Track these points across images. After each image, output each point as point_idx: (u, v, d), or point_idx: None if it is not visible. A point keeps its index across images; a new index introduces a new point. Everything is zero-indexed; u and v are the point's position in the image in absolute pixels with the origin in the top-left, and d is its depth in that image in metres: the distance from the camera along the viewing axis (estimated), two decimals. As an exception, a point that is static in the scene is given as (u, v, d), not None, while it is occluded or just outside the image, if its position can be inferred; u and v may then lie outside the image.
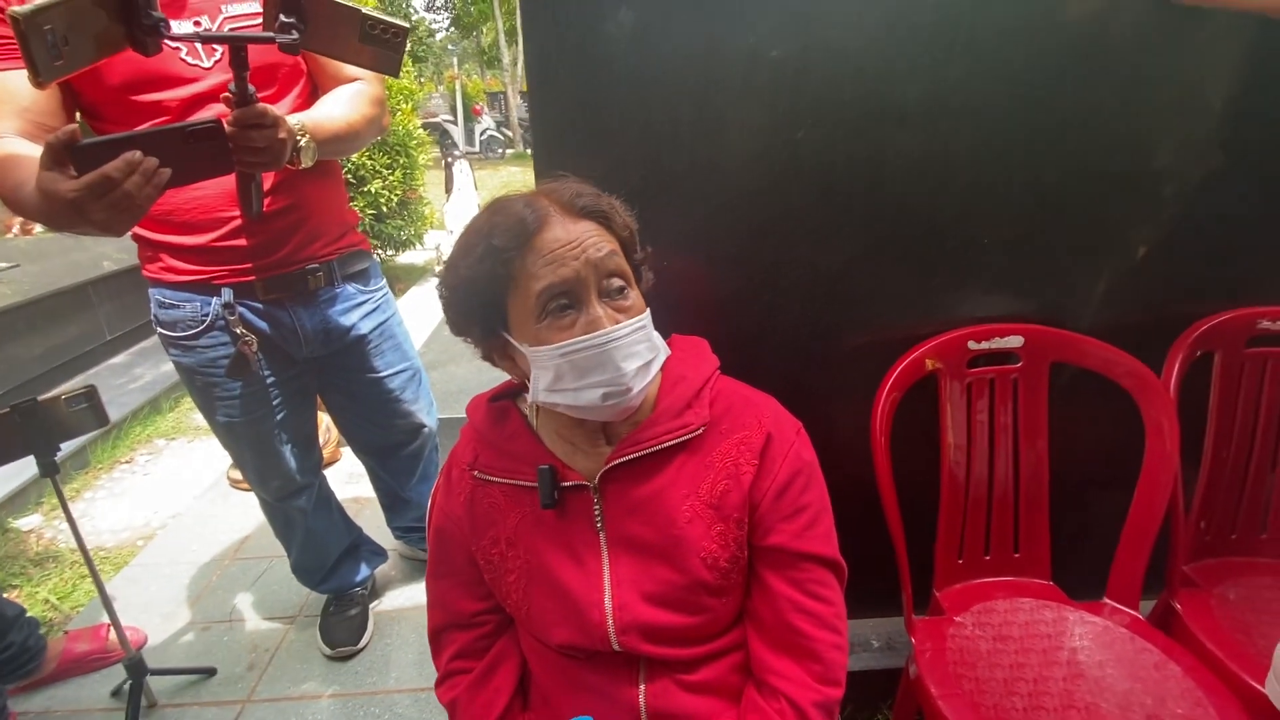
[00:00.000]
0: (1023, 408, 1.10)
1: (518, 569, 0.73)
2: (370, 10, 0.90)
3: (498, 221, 0.65)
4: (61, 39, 0.71)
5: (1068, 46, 0.95)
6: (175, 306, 1.14)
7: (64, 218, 0.76)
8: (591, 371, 0.64)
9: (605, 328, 0.64)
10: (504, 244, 0.63)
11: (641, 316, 0.67)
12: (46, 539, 2.15)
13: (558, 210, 0.66)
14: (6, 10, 0.67)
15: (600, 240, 0.66)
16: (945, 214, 1.04)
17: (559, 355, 0.64)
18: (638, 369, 0.66)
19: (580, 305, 0.64)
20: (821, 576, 0.72)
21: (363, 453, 1.54)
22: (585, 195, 0.68)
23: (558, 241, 0.63)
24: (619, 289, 0.66)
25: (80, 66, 0.76)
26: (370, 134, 1.15)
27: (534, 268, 0.63)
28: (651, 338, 0.69)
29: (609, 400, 0.65)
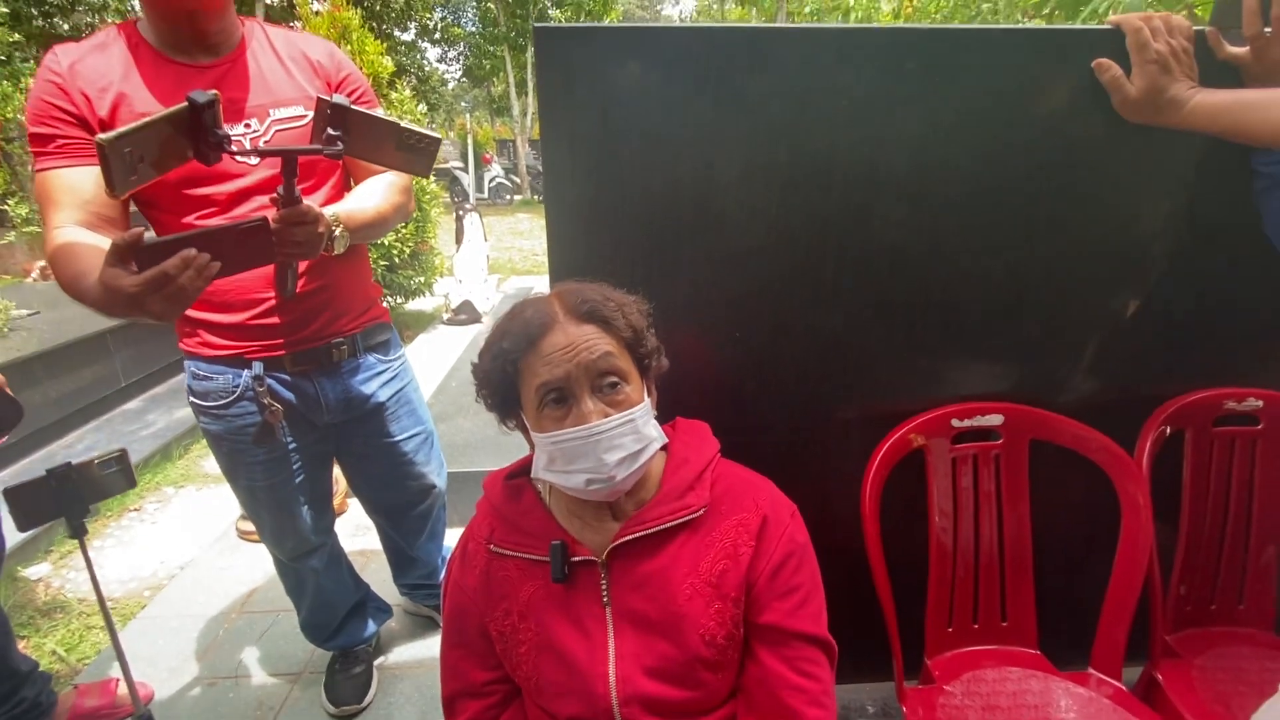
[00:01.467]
0: (1005, 481, 1.16)
1: (529, 641, 0.78)
2: (407, 123, 1.00)
3: (510, 328, 0.77)
4: (137, 157, 0.81)
5: (1045, 137, 1.02)
6: (209, 378, 1.21)
7: (122, 308, 0.84)
8: (577, 459, 0.73)
9: (591, 423, 0.72)
10: (511, 347, 0.75)
11: (632, 410, 0.74)
12: (54, 588, 2.18)
13: (564, 314, 0.76)
14: (95, 138, 0.76)
15: (597, 343, 0.74)
16: (929, 298, 1.11)
17: (550, 443, 0.74)
18: (621, 459, 0.73)
19: (573, 400, 0.73)
20: (812, 655, 0.77)
21: (374, 512, 1.59)
22: (591, 300, 0.77)
23: (556, 346, 0.73)
24: (612, 385, 0.74)
25: (151, 179, 0.86)
26: (398, 219, 1.24)
27: (535, 367, 0.74)
28: (641, 430, 0.75)
29: (592, 486, 0.73)
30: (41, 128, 1.01)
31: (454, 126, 22.53)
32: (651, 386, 0.83)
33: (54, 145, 1.01)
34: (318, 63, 1.21)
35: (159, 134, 0.82)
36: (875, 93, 0.99)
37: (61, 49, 1.05)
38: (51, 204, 1.00)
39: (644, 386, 0.80)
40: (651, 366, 0.82)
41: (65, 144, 1.01)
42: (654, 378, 0.84)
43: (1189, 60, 0.93)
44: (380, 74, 3.95)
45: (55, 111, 1.00)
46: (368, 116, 0.98)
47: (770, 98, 0.99)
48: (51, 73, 1.01)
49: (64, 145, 1.01)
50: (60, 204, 1.00)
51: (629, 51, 0.97)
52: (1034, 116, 1.02)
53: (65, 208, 1.00)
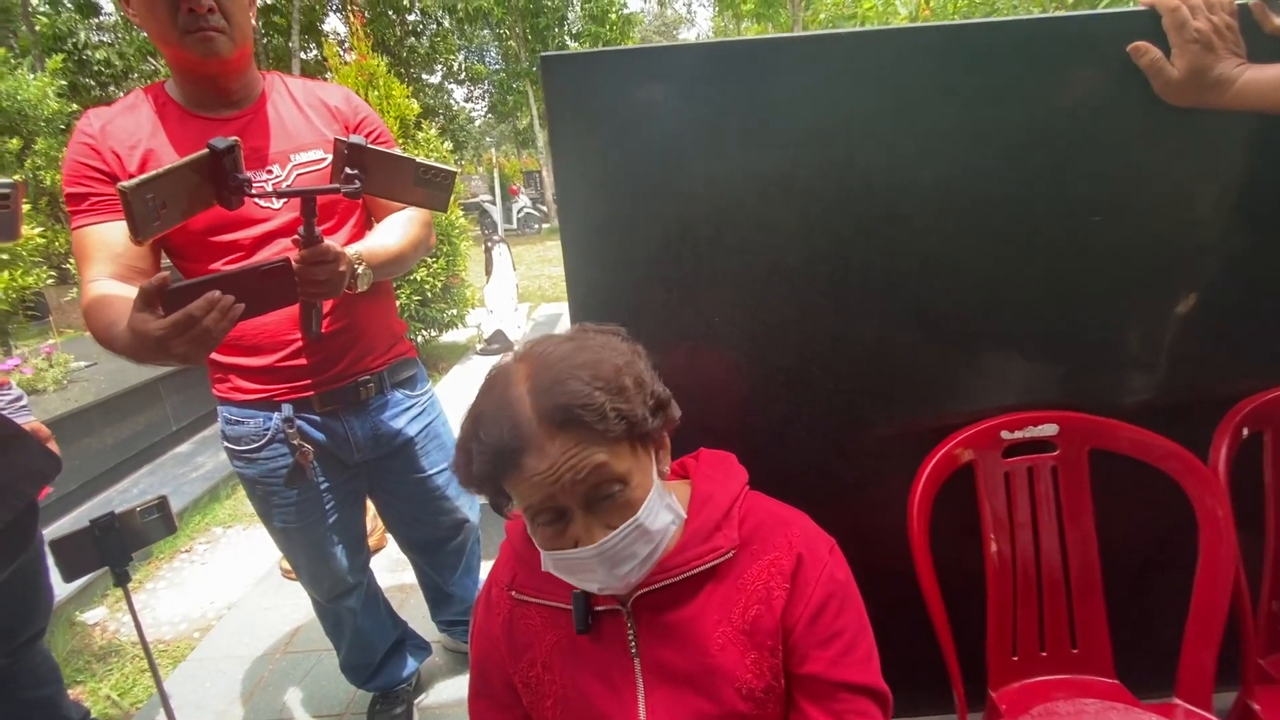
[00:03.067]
0: (1064, 495, 1.08)
1: (554, 694, 0.74)
2: (422, 159, 1.01)
3: (481, 441, 0.64)
4: (159, 203, 0.83)
5: (1079, 129, 0.97)
6: (240, 423, 1.23)
7: (149, 352, 0.86)
8: (584, 572, 0.68)
9: (594, 542, 0.64)
10: (487, 471, 0.64)
11: (638, 515, 0.65)
12: (110, 632, 2.23)
13: (538, 423, 0.62)
14: (116, 185, 0.78)
15: (581, 457, 0.62)
16: (971, 302, 1.05)
17: (551, 560, 0.69)
18: (632, 568, 0.67)
19: (568, 518, 0.65)
20: (862, 706, 0.70)
21: (409, 549, 1.59)
22: (565, 404, 0.62)
23: (536, 471, 0.62)
24: (609, 496, 0.65)
25: (174, 225, 0.87)
26: (420, 254, 1.25)
27: (520, 488, 0.64)
28: (651, 527, 0.67)
29: (605, 590, 0.69)
30: (76, 187, 1.05)
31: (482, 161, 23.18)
32: (664, 443, 0.74)
33: (87, 203, 1.05)
34: (335, 108, 1.23)
35: (181, 180, 0.83)
36: (894, 96, 0.95)
37: (94, 112, 1.10)
38: (86, 259, 1.04)
39: (651, 461, 0.70)
40: (660, 430, 0.70)
41: (98, 201, 1.04)
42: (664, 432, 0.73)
43: (1234, 36, 0.87)
44: (408, 116, 4.08)
45: (88, 171, 1.04)
46: (384, 154, 0.99)
47: (784, 109, 0.96)
48: (84, 134, 1.06)
49: (97, 203, 1.04)
50: (94, 258, 1.03)
51: (637, 73, 0.96)
52: (1066, 108, 0.96)
53: (98, 262, 1.03)
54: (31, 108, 6.59)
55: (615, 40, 15.10)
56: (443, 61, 16.28)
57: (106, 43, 11.74)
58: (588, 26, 15.54)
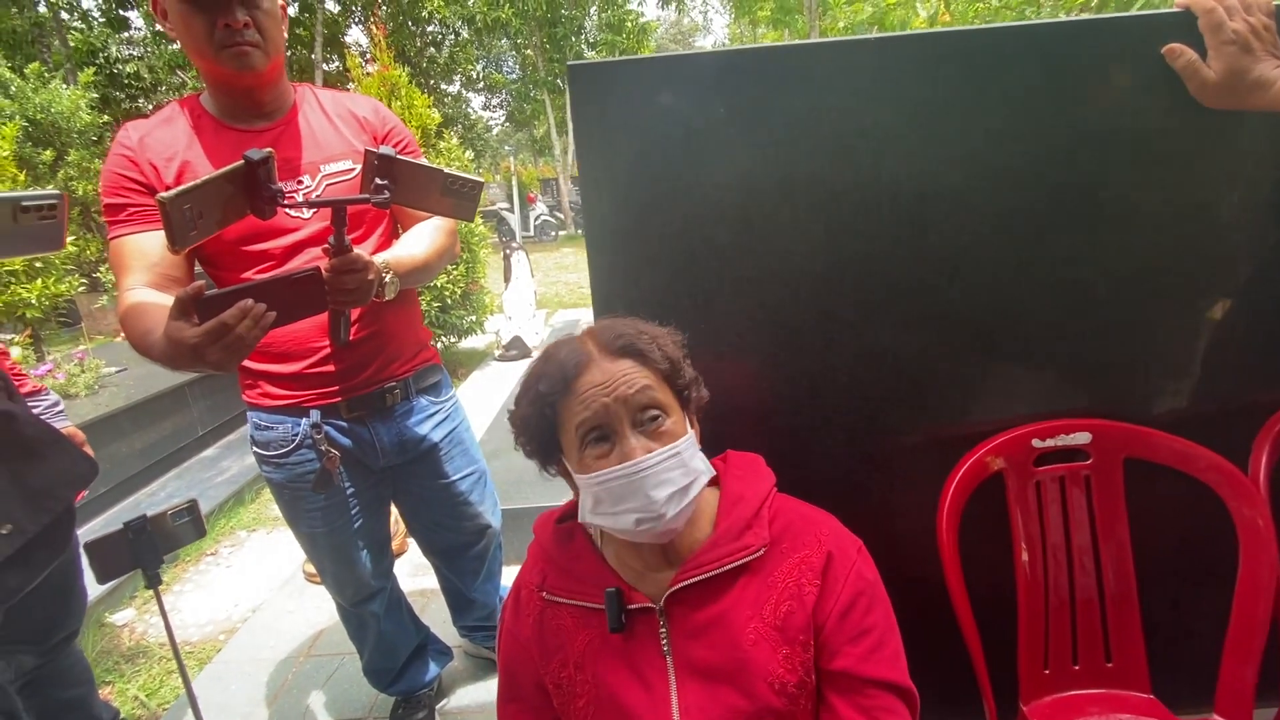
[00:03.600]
0: (1098, 505, 1.06)
1: (586, 694, 0.74)
2: (451, 170, 1.02)
3: (545, 370, 0.75)
4: (196, 213, 0.85)
5: (1111, 133, 0.96)
6: (269, 428, 1.25)
7: (185, 360, 0.87)
8: (624, 499, 0.70)
9: (635, 459, 0.69)
10: (548, 390, 0.73)
11: (676, 443, 0.71)
12: (138, 633, 2.27)
13: (597, 351, 0.74)
14: (156, 196, 0.80)
15: (635, 377, 0.72)
16: (1000, 309, 1.03)
17: (595, 483, 0.71)
18: (670, 495, 0.69)
19: (615, 437, 0.71)
20: (890, 704, 0.71)
21: (431, 554, 1.60)
22: (624, 335, 0.75)
23: (593, 383, 0.71)
24: (653, 419, 0.71)
25: (210, 234, 0.89)
26: (445, 262, 1.26)
27: (573, 408, 0.72)
28: (688, 463, 0.72)
29: (642, 525, 0.70)
30: (114, 198, 1.07)
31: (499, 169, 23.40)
32: (693, 419, 0.80)
33: (125, 214, 1.07)
34: (364, 119, 1.25)
35: (217, 191, 0.85)
36: (921, 103, 0.95)
37: (132, 125, 1.13)
38: (122, 268, 1.06)
39: (685, 419, 0.77)
40: (691, 398, 0.79)
41: (135, 212, 1.07)
42: (695, 410, 0.80)
43: (1271, 37, 0.85)
44: (429, 125, 4.13)
45: (126, 182, 1.07)
46: (413, 165, 1.00)
47: (809, 115, 0.96)
48: (123, 146, 1.09)
49: (134, 213, 1.07)
50: (130, 268, 1.06)
51: (662, 80, 0.96)
52: (1097, 113, 0.95)
53: (135, 271, 1.06)
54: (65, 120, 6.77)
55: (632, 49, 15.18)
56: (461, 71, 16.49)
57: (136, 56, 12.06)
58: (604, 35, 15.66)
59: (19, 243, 0.81)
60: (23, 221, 0.77)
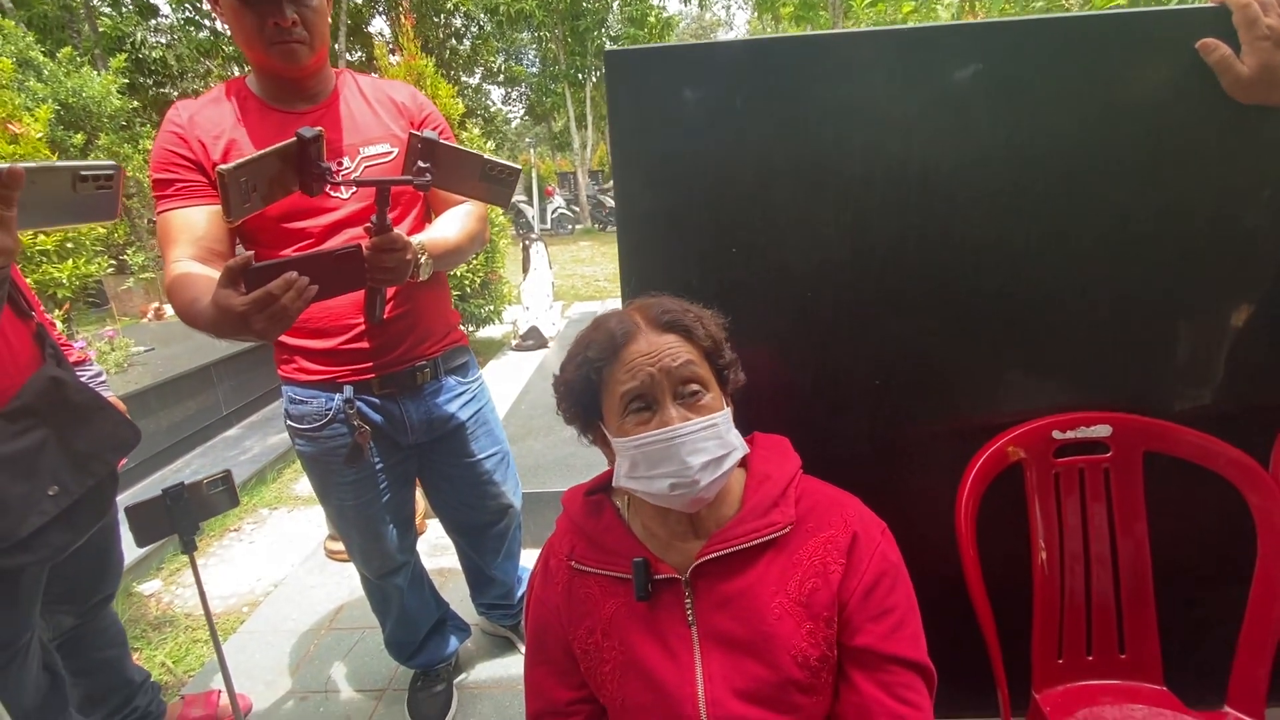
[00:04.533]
0: (1117, 498, 1.07)
1: (612, 660, 0.77)
2: (489, 156, 1.05)
3: (594, 337, 0.79)
4: (251, 186, 0.88)
5: (1141, 128, 0.96)
6: (304, 403, 1.29)
7: (231, 327, 0.91)
8: (660, 463, 0.73)
9: (674, 425, 0.72)
10: (596, 356, 0.77)
11: (713, 415, 0.74)
12: (165, 603, 2.34)
13: (645, 324, 0.78)
14: (216, 168, 0.84)
15: (679, 351, 0.75)
16: (1021, 299, 1.04)
17: (634, 446, 0.74)
18: (704, 463, 0.72)
19: (656, 406, 0.74)
20: (909, 680, 0.73)
21: (454, 532, 1.63)
22: (671, 311, 0.79)
23: (639, 353, 0.75)
24: (693, 393, 0.75)
25: (262, 207, 0.93)
26: (477, 246, 1.30)
27: (619, 375, 0.75)
28: (724, 435, 0.75)
29: (676, 490, 0.72)
30: (164, 173, 1.12)
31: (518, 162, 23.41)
32: (729, 399, 0.82)
33: (173, 189, 1.11)
34: (402, 104, 1.29)
35: (270, 166, 0.89)
36: (949, 93, 0.96)
37: (182, 104, 1.17)
38: (170, 241, 1.10)
39: (723, 398, 0.79)
40: (730, 379, 0.82)
41: (183, 187, 1.11)
42: (731, 391, 0.83)
43: None
44: (452, 115, 4.17)
45: (175, 158, 1.11)
46: (455, 150, 1.03)
47: (839, 104, 0.97)
48: (173, 124, 1.13)
49: (182, 188, 1.11)
50: (177, 240, 1.10)
51: (696, 68, 0.98)
52: (1128, 107, 0.95)
53: (182, 244, 1.10)
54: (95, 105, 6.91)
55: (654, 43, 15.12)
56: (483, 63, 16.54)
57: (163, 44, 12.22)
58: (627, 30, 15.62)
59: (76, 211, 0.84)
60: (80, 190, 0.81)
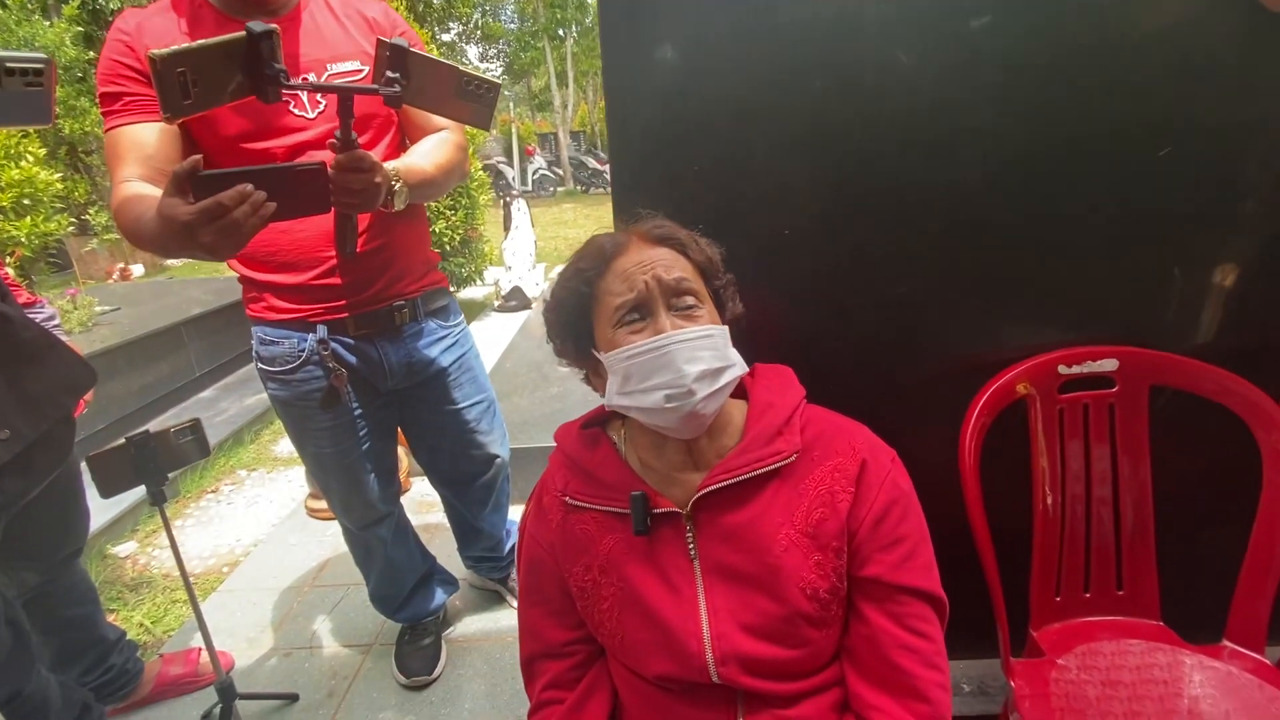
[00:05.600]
0: (1121, 434, 1.05)
1: (611, 596, 0.73)
2: (466, 67, 0.96)
3: (586, 251, 0.76)
4: (191, 82, 0.79)
5: (1153, 49, 0.92)
6: (275, 343, 1.21)
7: (177, 240, 0.82)
8: (655, 374, 0.68)
9: (668, 332, 0.68)
10: (588, 266, 0.74)
11: (709, 326, 0.71)
12: (141, 565, 2.28)
13: (638, 238, 0.75)
14: (147, 52, 0.75)
15: (672, 263, 0.72)
16: (1023, 232, 1.01)
17: (626, 358, 0.70)
18: (701, 373, 0.67)
19: (650, 316, 0.71)
20: (921, 611, 0.70)
21: (439, 483, 1.58)
22: (665, 226, 0.77)
23: (632, 263, 0.72)
24: (688, 305, 0.71)
25: (206, 108, 0.83)
26: (456, 178, 1.21)
27: (611, 285, 0.72)
28: (720, 348, 0.71)
29: (671, 403, 0.67)
30: (110, 86, 1.02)
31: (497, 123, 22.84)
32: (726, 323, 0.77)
33: (121, 103, 1.01)
34: (373, 20, 1.19)
35: (214, 59, 0.80)
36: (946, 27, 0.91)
37: (130, 12, 1.06)
38: (118, 160, 1.01)
39: (720, 319, 0.75)
40: (726, 303, 0.78)
41: (131, 101, 1.01)
42: (729, 319, 0.78)
43: None
44: (427, 63, 3.98)
45: (123, 69, 1.01)
46: (427, 59, 0.95)
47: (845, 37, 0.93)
48: (120, 32, 1.02)
49: (130, 103, 1.01)
50: (125, 159, 1.01)
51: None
52: (1133, 26, 0.91)
53: (130, 163, 1.01)
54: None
55: None
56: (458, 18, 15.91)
57: (120, -8, 11.56)
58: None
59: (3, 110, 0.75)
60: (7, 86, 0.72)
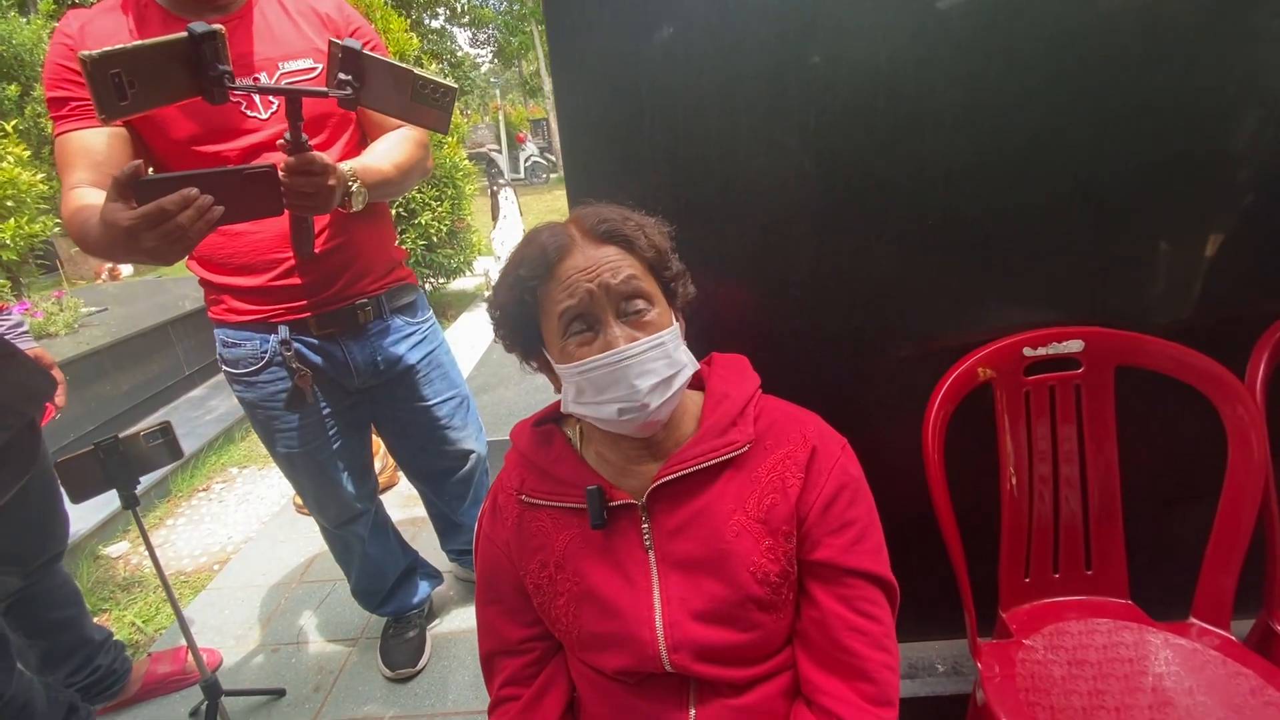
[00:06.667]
0: (1087, 415, 1.04)
1: (567, 592, 0.73)
2: (421, 72, 0.94)
3: (526, 253, 0.71)
4: (128, 82, 0.77)
5: (1116, 33, 0.91)
6: (237, 345, 1.20)
7: (120, 246, 0.82)
8: (608, 388, 0.67)
9: (619, 347, 0.66)
10: (529, 274, 0.70)
11: (660, 334, 0.68)
12: (133, 564, 2.29)
13: (581, 236, 0.70)
14: (78, 53, 0.73)
15: (619, 264, 0.68)
16: (990, 216, 1.00)
17: (577, 372, 0.68)
18: (653, 386, 0.67)
19: (598, 326, 0.68)
20: (870, 594, 0.70)
21: (415, 479, 1.59)
22: (609, 220, 0.71)
23: (576, 269, 0.68)
24: (637, 310, 0.69)
25: (146, 108, 0.81)
26: (416, 176, 1.19)
27: (555, 294, 0.69)
28: (673, 354, 0.69)
29: (625, 416, 0.67)
30: (57, 91, 1.00)
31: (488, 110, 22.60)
32: (679, 314, 0.76)
33: (68, 108, 1.00)
34: (326, 16, 1.16)
35: (154, 60, 0.78)
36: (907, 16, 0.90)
37: (74, 13, 1.04)
38: (67, 166, 1.00)
39: (672, 312, 0.73)
40: (678, 292, 0.75)
41: (78, 106, 1.00)
42: (681, 305, 0.77)
43: None
44: (407, 51, 3.93)
45: (67, 73, 0.99)
46: (380, 62, 0.93)
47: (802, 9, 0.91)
48: (64, 35, 1.00)
49: (77, 107, 1.00)
50: (74, 165, 0.99)
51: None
52: (1099, 14, 0.90)
53: (79, 169, 0.99)
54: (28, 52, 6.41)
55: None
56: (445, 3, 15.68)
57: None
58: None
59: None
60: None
